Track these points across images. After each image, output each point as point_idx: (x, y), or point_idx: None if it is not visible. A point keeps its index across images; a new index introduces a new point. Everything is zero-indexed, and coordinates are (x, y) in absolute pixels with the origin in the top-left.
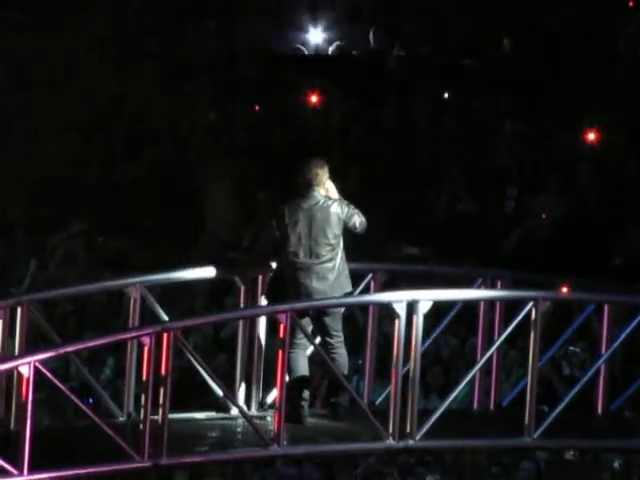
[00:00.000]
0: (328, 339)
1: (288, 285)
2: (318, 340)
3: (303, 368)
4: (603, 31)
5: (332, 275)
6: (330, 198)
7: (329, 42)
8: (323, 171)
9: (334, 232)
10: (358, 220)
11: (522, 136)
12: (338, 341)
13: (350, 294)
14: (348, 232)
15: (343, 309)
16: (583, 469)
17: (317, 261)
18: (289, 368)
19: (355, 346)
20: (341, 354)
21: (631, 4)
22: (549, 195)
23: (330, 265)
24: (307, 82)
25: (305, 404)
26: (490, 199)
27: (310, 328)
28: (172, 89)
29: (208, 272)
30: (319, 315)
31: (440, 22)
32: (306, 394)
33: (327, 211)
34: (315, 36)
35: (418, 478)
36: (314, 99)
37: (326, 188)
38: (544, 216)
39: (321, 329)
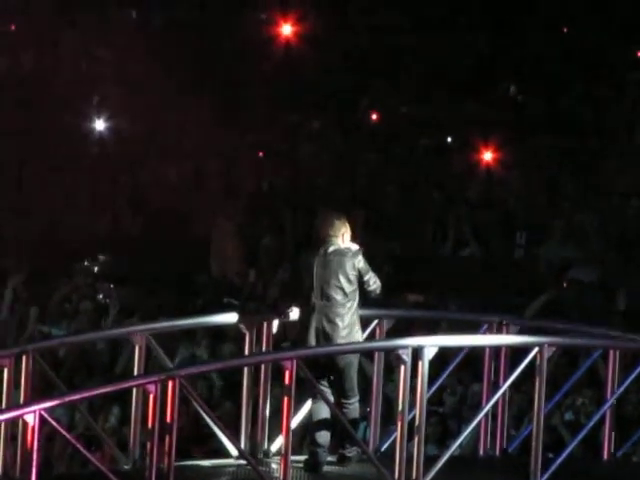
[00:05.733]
0: (343, 400)
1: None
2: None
3: (323, 415)
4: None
5: (341, 322)
6: (350, 248)
7: None
8: (341, 222)
9: (348, 277)
10: (374, 278)
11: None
12: (353, 402)
13: None
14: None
15: (356, 367)
16: None
17: (327, 303)
18: (311, 415)
19: (363, 393)
20: (353, 411)
21: None
22: (552, 242)
23: (340, 310)
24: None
25: (321, 451)
26: (496, 244)
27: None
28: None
29: (212, 319)
30: (332, 373)
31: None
32: (323, 441)
33: (343, 257)
34: None
35: None
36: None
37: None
38: (566, 284)
39: (335, 389)
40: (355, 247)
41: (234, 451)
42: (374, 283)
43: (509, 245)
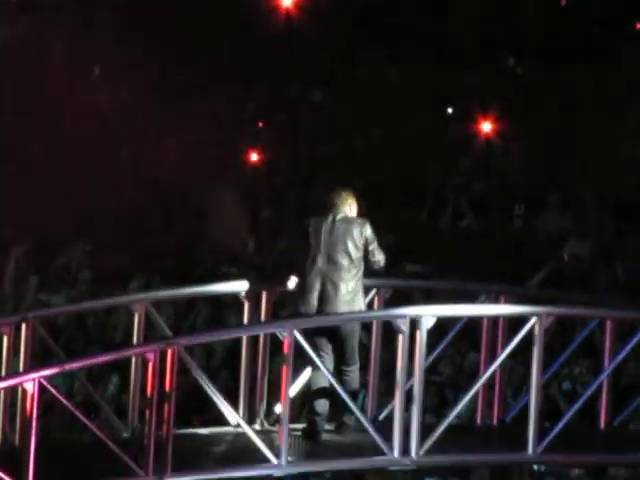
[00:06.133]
0: (343, 367)
1: (306, 295)
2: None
3: (322, 384)
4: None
5: (345, 287)
6: (357, 218)
7: None
8: (347, 193)
9: (355, 243)
10: (379, 249)
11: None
12: (353, 370)
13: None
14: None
15: (358, 335)
16: None
17: (333, 267)
18: (310, 383)
19: (362, 361)
20: (353, 379)
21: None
22: (550, 213)
23: (345, 275)
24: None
25: (319, 419)
26: (494, 215)
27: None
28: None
29: (212, 288)
30: (334, 340)
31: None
32: (321, 409)
33: (351, 225)
34: None
35: None
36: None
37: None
38: (566, 257)
39: (336, 354)
40: (363, 218)
41: (233, 419)
42: (379, 254)
43: (507, 216)
